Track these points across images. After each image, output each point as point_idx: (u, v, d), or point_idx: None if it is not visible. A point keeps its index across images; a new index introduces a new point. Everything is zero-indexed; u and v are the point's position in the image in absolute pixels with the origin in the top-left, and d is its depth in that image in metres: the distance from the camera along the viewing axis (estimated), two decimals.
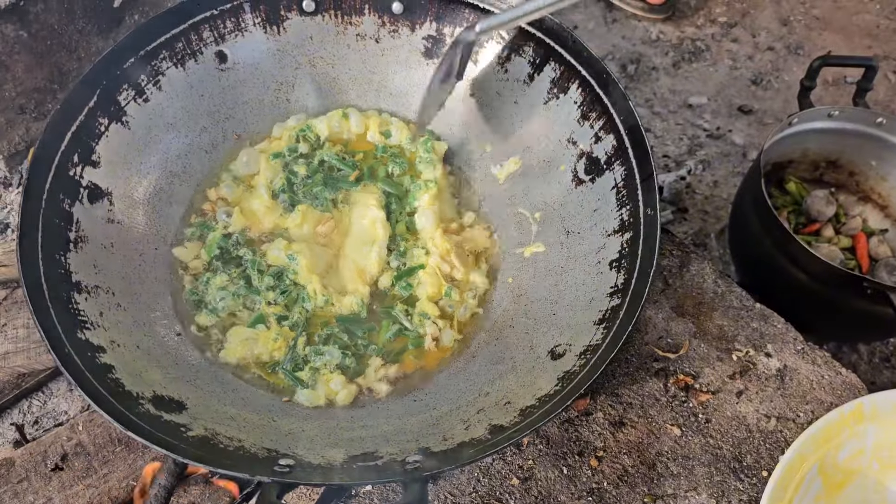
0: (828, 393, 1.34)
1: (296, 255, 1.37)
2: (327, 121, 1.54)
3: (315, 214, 1.44)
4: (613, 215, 1.32)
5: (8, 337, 1.47)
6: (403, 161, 1.52)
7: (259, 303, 1.35)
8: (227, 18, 1.47)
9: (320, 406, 1.26)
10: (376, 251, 1.40)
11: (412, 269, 1.40)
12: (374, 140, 1.55)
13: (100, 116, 1.34)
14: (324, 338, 1.33)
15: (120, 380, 1.12)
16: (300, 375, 1.28)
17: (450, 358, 1.34)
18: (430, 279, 1.38)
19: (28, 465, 1.35)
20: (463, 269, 1.40)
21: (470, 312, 1.39)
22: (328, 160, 1.50)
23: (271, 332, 1.31)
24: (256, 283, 1.37)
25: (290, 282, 1.37)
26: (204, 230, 1.42)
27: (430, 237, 1.43)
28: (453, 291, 1.38)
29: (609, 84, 1.35)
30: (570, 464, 1.25)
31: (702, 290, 1.49)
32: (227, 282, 1.37)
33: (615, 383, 1.35)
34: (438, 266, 1.39)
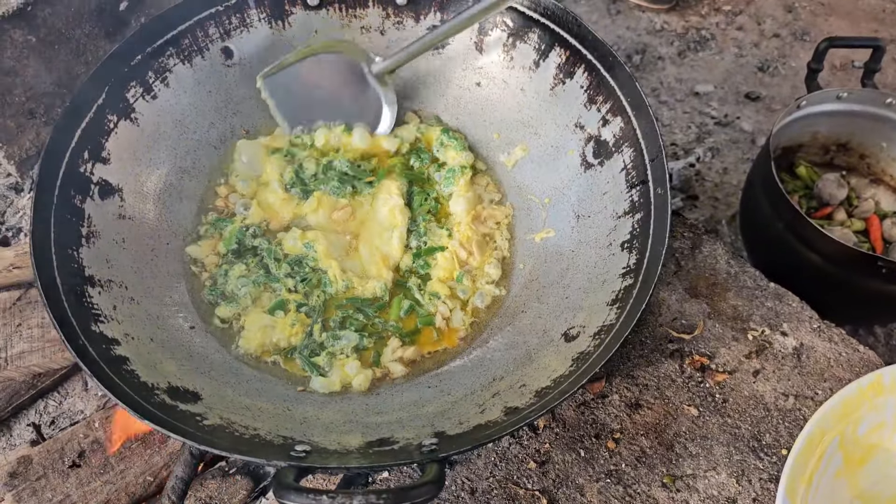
0: (846, 370, 1.33)
1: (312, 242, 1.38)
2: (327, 133, 1.54)
3: (331, 200, 1.44)
4: (623, 197, 1.32)
5: (23, 336, 1.48)
6: (426, 154, 1.52)
7: (280, 290, 1.35)
8: (232, 14, 1.47)
9: (335, 392, 1.26)
10: (397, 236, 1.40)
11: (433, 249, 1.41)
12: (389, 147, 1.56)
13: (109, 113, 1.35)
14: (339, 321, 1.33)
15: (135, 371, 1.13)
16: (317, 361, 1.28)
17: (463, 344, 1.34)
18: (444, 262, 1.39)
19: (46, 463, 1.36)
20: (479, 258, 1.41)
21: (489, 298, 1.38)
22: (339, 167, 1.50)
23: (288, 318, 1.31)
24: (275, 270, 1.37)
25: (309, 269, 1.37)
26: (221, 225, 1.42)
27: (458, 222, 1.44)
28: (465, 277, 1.38)
29: (615, 67, 1.35)
30: (588, 446, 1.24)
31: (715, 270, 1.48)
32: (245, 271, 1.37)
33: (630, 365, 1.34)
34: (456, 251, 1.40)
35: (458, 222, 1.44)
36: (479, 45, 1.52)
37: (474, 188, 1.49)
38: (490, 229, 1.45)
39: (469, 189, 1.47)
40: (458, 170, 1.48)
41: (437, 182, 1.50)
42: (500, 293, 1.39)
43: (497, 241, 1.44)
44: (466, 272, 1.40)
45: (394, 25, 1.55)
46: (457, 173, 1.47)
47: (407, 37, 1.54)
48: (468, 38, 1.52)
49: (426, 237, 1.43)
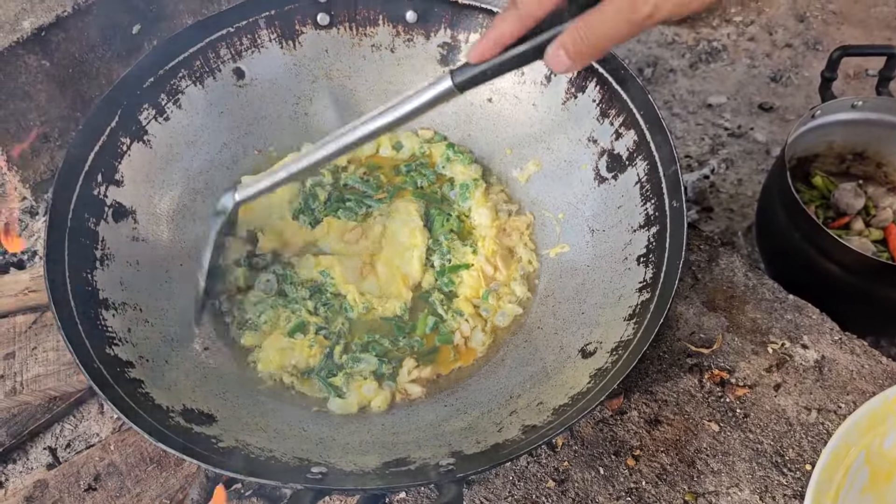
0: (869, 383, 1.30)
1: (328, 270, 1.37)
2: None
3: (340, 224, 1.44)
4: (638, 210, 1.31)
5: (38, 360, 1.48)
6: (430, 172, 1.52)
7: (299, 310, 1.35)
8: (243, 35, 1.48)
9: (352, 414, 1.25)
10: (417, 256, 1.40)
11: (458, 267, 1.41)
12: (386, 154, 1.56)
13: (122, 136, 1.35)
14: (362, 345, 1.32)
15: (149, 394, 1.12)
16: (334, 381, 1.27)
17: (479, 363, 1.32)
18: (471, 280, 1.38)
19: (62, 487, 1.35)
20: (505, 273, 1.40)
21: (511, 317, 1.37)
22: (351, 183, 1.50)
23: (307, 339, 1.31)
24: (292, 293, 1.37)
25: (330, 294, 1.37)
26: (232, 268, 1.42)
27: (482, 236, 1.44)
28: (491, 296, 1.37)
29: (627, 80, 1.34)
30: (607, 464, 1.22)
31: (732, 283, 1.46)
32: (261, 296, 1.37)
33: (648, 381, 1.33)
34: (482, 267, 1.40)
35: (482, 237, 1.44)
36: None
37: (491, 199, 1.48)
38: (513, 242, 1.44)
39: (487, 199, 1.46)
40: (470, 183, 1.47)
41: (454, 200, 1.50)
42: (521, 312, 1.38)
43: (521, 253, 1.43)
44: (493, 291, 1.39)
45: (404, 43, 1.55)
46: (470, 187, 1.47)
47: (417, 53, 1.54)
48: None
49: (450, 255, 1.42)
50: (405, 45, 1.55)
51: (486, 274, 1.40)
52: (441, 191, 1.52)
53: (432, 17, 1.52)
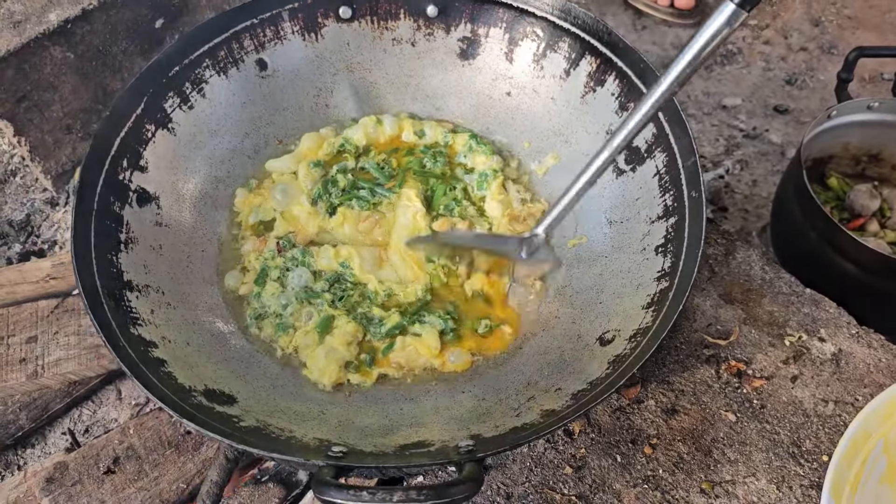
0: (886, 376, 1.31)
1: (347, 261, 1.38)
2: (363, 128, 1.56)
3: (354, 214, 1.45)
4: (657, 202, 1.32)
5: (60, 344, 1.50)
6: (443, 157, 1.53)
7: (320, 304, 1.35)
8: (266, 27, 1.50)
9: (371, 394, 1.26)
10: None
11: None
12: (408, 140, 1.57)
13: (147, 123, 1.37)
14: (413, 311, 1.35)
15: (173, 373, 1.14)
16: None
17: (497, 351, 1.33)
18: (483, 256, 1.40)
19: (81, 469, 1.37)
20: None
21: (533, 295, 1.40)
22: (368, 167, 1.52)
23: (340, 334, 1.31)
24: (312, 284, 1.37)
25: (349, 284, 1.38)
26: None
27: (497, 224, 1.45)
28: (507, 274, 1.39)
29: (646, 73, 1.36)
30: (624, 452, 1.23)
31: (749, 276, 1.47)
32: (279, 289, 1.37)
33: (666, 371, 1.33)
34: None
35: (497, 225, 1.45)
36: (508, 55, 1.53)
37: (506, 192, 1.49)
38: (526, 228, 1.45)
39: (502, 192, 1.47)
40: (490, 174, 1.48)
41: (463, 181, 1.51)
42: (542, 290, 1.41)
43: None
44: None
45: (425, 37, 1.57)
46: (489, 177, 1.48)
47: (437, 47, 1.56)
48: (498, 48, 1.54)
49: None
50: (426, 39, 1.57)
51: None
52: (451, 172, 1.52)
53: (453, 12, 1.53)
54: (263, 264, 1.39)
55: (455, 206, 1.46)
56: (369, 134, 1.56)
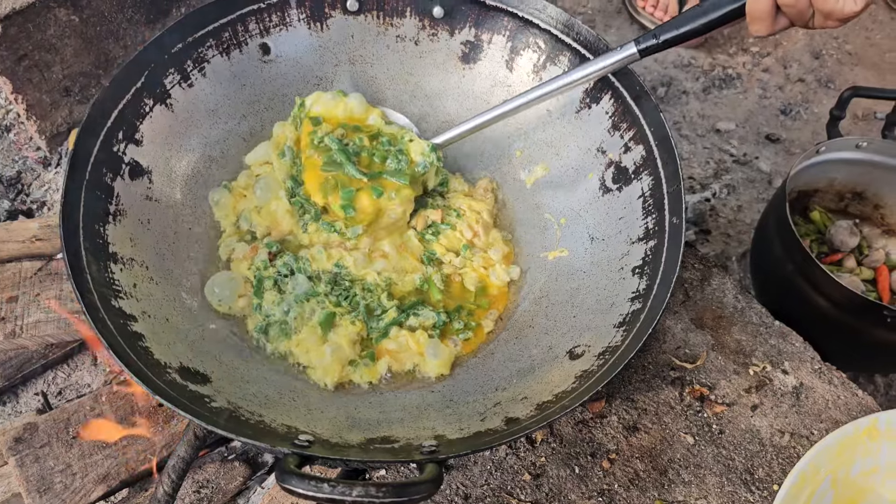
0: (843, 413, 1.34)
1: (340, 261, 1.39)
2: (320, 98, 1.50)
3: (324, 237, 1.43)
4: (639, 223, 1.34)
5: (40, 306, 1.51)
6: (405, 156, 1.48)
7: (324, 303, 1.35)
8: (273, 12, 1.51)
9: (342, 388, 1.29)
10: (412, 234, 1.44)
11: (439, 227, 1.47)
12: (374, 123, 1.51)
13: (146, 97, 1.38)
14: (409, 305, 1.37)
15: (149, 348, 1.15)
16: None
17: (470, 354, 1.36)
18: (451, 235, 1.46)
19: (51, 432, 1.38)
20: (484, 239, 1.46)
21: (504, 279, 1.44)
22: (329, 143, 1.44)
23: (343, 331, 1.32)
24: (314, 290, 1.36)
25: (348, 283, 1.38)
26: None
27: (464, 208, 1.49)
28: (468, 252, 1.44)
29: (641, 96, 1.38)
30: (583, 464, 1.26)
31: (722, 304, 1.50)
32: (279, 297, 1.36)
33: (631, 389, 1.36)
34: (462, 229, 1.46)
35: (464, 209, 1.49)
36: (509, 63, 1.55)
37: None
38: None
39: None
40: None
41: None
42: (514, 277, 1.46)
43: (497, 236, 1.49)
44: (470, 249, 1.45)
45: (428, 37, 1.58)
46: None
47: (440, 48, 1.58)
48: (500, 56, 1.56)
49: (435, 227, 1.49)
50: (429, 39, 1.59)
51: (466, 237, 1.45)
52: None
53: (459, 15, 1.55)
54: (258, 275, 1.37)
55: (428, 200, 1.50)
56: (326, 103, 1.50)
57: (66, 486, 1.34)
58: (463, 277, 1.42)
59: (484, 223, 1.46)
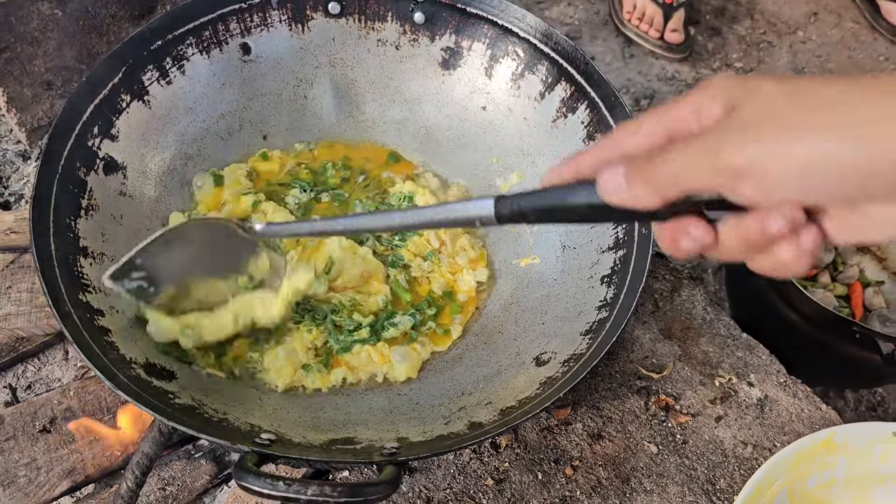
0: (806, 426, 1.36)
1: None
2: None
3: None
4: (609, 233, 1.35)
5: (11, 299, 1.51)
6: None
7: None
8: (254, 13, 1.52)
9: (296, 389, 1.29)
10: (366, 251, 1.42)
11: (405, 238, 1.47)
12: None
13: (123, 93, 1.38)
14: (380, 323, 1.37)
15: (115, 343, 1.16)
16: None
17: (437, 357, 1.37)
18: (417, 242, 1.45)
19: (17, 425, 1.38)
20: (451, 248, 1.46)
21: (472, 284, 1.44)
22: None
23: (302, 338, 1.31)
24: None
25: (314, 302, 1.36)
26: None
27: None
28: (434, 259, 1.44)
29: (616, 107, 1.39)
30: (546, 470, 1.27)
31: (691, 315, 1.52)
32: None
33: (597, 397, 1.37)
34: (429, 238, 1.46)
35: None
36: (488, 70, 1.57)
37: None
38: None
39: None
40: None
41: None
42: (482, 279, 1.46)
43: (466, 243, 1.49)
44: (437, 255, 1.45)
45: (409, 42, 1.59)
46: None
47: (420, 54, 1.59)
48: (479, 63, 1.57)
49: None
50: (410, 45, 1.60)
51: (433, 245, 1.46)
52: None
53: (439, 21, 1.56)
54: None
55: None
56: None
57: (31, 479, 1.34)
58: (430, 282, 1.43)
59: (453, 232, 1.46)
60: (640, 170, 0.65)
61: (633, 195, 0.65)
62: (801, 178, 0.57)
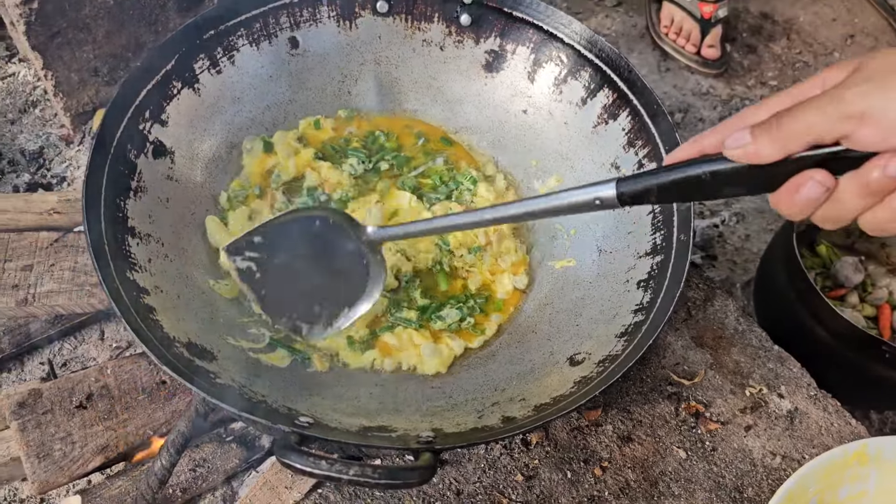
0: (835, 440, 1.36)
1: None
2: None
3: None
4: (647, 238, 1.37)
5: (54, 277, 1.54)
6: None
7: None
8: (304, 7, 1.55)
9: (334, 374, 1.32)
10: (429, 216, 1.47)
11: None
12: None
13: (174, 80, 1.42)
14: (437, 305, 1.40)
15: (160, 321, 1.18)
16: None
17: (471, 353, 1.38)
18: (464, 235, 1.47)
19: (54, 399, 1.40)
20: (496, 248, 1.47)
21: (510, 288, 1.46)
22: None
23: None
24: None
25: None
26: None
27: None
28: (477, 254, 1.46)
29: (658, 115, 1.41)
30: (575, 469, 1.28)
31: (723, 325, 1.52)
32: None
33: (628, 400, 1.38)
34: (476, 234, 1.47)
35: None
36: (531, 74, 1.58)
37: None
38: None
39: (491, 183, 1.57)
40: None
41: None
42: (520, 287, 1.47)
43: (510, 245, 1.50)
44: (481, 251, 1.47)
45: (454, 44, 1.62)
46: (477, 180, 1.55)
47: (465, 55, 1.61)
48: (522, 67, 1.59)
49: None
50: (454, 46, 1.62)
51: (480, 241, 1.47)
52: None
53: (485, 24, 1.58)
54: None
55: (452, 186, 1.53)
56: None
57: (66, 453, 1.36)
58: (468, 277, 1.44)
59: (500, 233, 1.47)
60: (766, 126, 0.71)
61: (756, 150, 0.71)
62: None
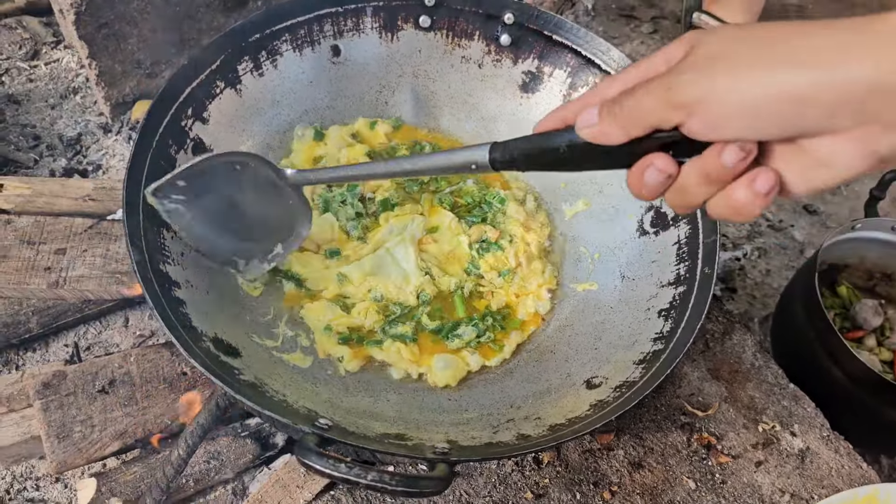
0: (846, 483, 1.36)
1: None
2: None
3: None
4: (671, 269, 1.38)
5: (85, 262, 1.57)
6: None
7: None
8: (349, 17, 1.58)
9: (360, 381, 1.33)
10: (465, 239, 1.48)
11: (491, 244, 1.50)
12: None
13: (218, 79, 1.45)
14: (452, 325, 1.42)
15: (188, 315, 1.21)
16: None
17: (490, 369, 1.40)
18: (495, 257, 1.49)
19: (78, 382, 1.43)
20: (526, 270, 1.48)
21: (532, 310, 1.47)
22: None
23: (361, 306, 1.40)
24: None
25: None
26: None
27: (514, 233, 1.52)
28: (506, 278, 1.47)
29: None
30: (584, 491, 1.29)
31: (740, 359, 1.53)
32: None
33: (641, 427, 1.39)
34: (507, 256, 1.48)
35: (514, 233, 1.52)
36: (567, 97, 1.60)
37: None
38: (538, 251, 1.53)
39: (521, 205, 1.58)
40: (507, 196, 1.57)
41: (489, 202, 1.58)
42: (542, 311, 1.48)
43: (540, 266, 1.52)
44: (510, 274, 1.48)
45: (493, 62, 1.64)
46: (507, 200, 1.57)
47: (502, 74, 1.64)
48: (558, 89, 1.61)
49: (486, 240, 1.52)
50: (493, 64, 1.64)
51: (511, 263, 1.48)
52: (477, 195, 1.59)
53: (524, 45, 1.61)
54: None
55: (487, 210, 1.55)
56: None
57: (85, 436, 1.39)
58: (493, 297, 1.46)
59: (528, 254, 1.49)
60: (609, 106, 0.73)
61: (602, 130, 0.75)
62: (742, 110, 0.62)
